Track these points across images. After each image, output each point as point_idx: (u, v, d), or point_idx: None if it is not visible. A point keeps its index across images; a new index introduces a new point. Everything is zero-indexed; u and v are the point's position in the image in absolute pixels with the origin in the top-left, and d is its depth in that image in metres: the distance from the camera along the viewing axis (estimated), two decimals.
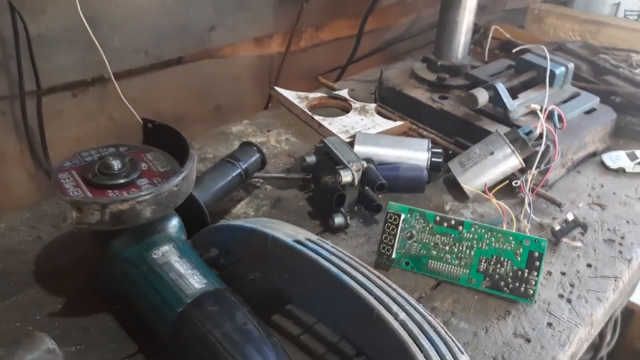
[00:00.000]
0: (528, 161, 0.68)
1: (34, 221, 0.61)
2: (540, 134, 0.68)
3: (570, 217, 0.63)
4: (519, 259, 0.55)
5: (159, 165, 0.51)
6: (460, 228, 0.56)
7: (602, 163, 0.79)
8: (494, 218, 0.66)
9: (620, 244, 0.64)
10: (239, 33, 0.95)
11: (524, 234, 0.55)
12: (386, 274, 0.46)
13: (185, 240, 0.51)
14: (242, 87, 1.02)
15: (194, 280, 0.45)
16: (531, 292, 0.54)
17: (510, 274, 0.55)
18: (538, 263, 0.54)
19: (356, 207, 0.66)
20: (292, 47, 1.01)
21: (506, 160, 0.68)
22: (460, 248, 0.56)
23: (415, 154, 0.72)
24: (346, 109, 0.88)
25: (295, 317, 0.51)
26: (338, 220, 0.62)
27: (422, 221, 0.57)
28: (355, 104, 0.88)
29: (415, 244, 0.57)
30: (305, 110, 0.85)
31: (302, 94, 0.89)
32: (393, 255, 0.57)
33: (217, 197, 0.60)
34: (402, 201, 0.58)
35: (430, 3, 1.26)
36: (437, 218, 0.57)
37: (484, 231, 0.56)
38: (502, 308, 0.55)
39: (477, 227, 0.56)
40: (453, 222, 0.57)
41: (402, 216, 0.57)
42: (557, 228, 0.63)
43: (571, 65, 0.80)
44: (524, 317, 0.54)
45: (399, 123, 0.82)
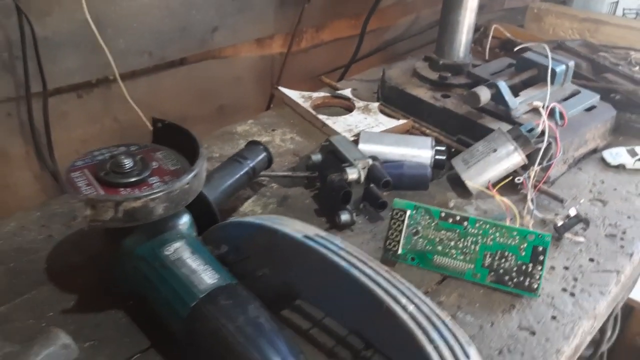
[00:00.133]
0: (530, 158, 0.69)
1: (45, 220, 0.62)
2: (542, 131, 0.69)
3: (572, 213, 0.64)
4: (523, 254, 0.56)
5: (170, 164, 0.52)
6: (465, 224, 0.57)
7: (603, 160, 0.80)
8: (497, 214, 0.67)
9: (621, 239, 0.65)
10: (240, 34, 0.95)
11: (528, 229, 0.56)
12: (392, 270, 0.46)
13: (195, 237, 0.51)
14: (244, 88, 1.02)
15: (206, 275, 0.45)
16: (535, 286, 0.55)
17: (515, 268, 0.56)
18: (542, 257, 0.55)
19: (361, 205, 0.66)
20: (293, 47, 1.02)
21: (509, 157, 0.68)
22: (465, 243, 0.57)
23: (419, 151, 0.72)
24: (349, 108, 0.88)
25: (304, 312, 0.52)
26: (344, 217, 0.63)
27: (427, 217, 0.58)
28: (358, 103, 0.88)
29: (420, 240, 0.58)
30: (309, 109, 0.86)
31: (305, 93, 0.90)
32: (399, 251, 0.58)
33: (226, 195, 0.61)
34: (406, 199, 0.59)
35: (429, 3, 1.27)
36: (442, 214, 0.58)
37: (488, 227, 0.57)
38: (507, 302, 0.56)
39: (481, 222, 0.57)
40: (458, 218, 0.58)
41: (408, 212, 0.58)
42: (559, 223, 0.64)
43: (571, 64, 0.81)
44: (529, 310, 0.55)
45: (402, 121, 0.83)
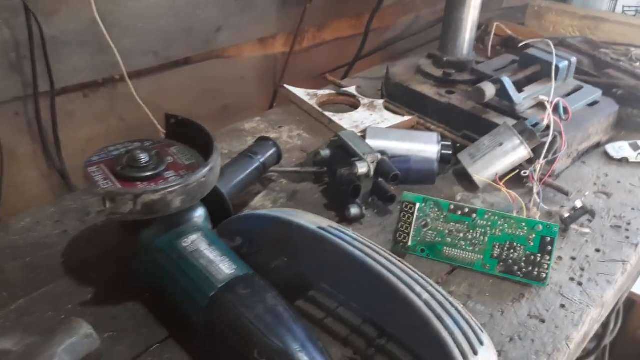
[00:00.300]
0: (536, 152, 0.70)
1: (59, 215, 0.62)
2: (547, 126, 0.70)
3: (578, 205, 0.65)
4: (532, 244, 0.56)
5: (184, 159, 0.53)
6: (474, 216, 0.58)
7: (606, 153, 0.81)
8: (504, 207, 0.67)
9: (626, 230, 0.67)
10: (243, 34, 0.96)
11: (536, 220, 0.57)
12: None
13: (211, 229, 0.52)
14: (248, 87, 1.03)
15: (223, 265, 0.46)
16: (544, 275, 0.56)
17: (523, 258, 0.57)
18: (550, 247, 0.56)
19: (370, 199, 0.67)
20: (295, 47, 1.03)
21: (515, 151, 0.69)
22: (474, 235, 0.58)
23: (426, 146, 0.73)
24: (355, 105, 0.89)
25: (318, 302, 0.53)
26: (354, 210, 0.64)
27: (436, 210, 0.59)
28: (363, 100, 0.89)
29: (430, 232, 0.59)
30: (316, 106, 0.87)
31: (311, 91, 0.91)
32: (409, 243, 0.59)
33: (238, 190, 0.61)
34: (414, 193, 0.60)
35: (428, 3, 1.28)
36: (451, 206, 0.59)
37: (497, 218, 0.58)
38: (517, 291, 0.57)
39: (490, 214, 0.58)
40: (467, 210, 0.58)
41: (417, 205, 0.59)
42: (565, 215, 0.65)
43: (574, 59, 0.82)
44: (538, 299, 0.56)
45: (407, 118, 0.84)
